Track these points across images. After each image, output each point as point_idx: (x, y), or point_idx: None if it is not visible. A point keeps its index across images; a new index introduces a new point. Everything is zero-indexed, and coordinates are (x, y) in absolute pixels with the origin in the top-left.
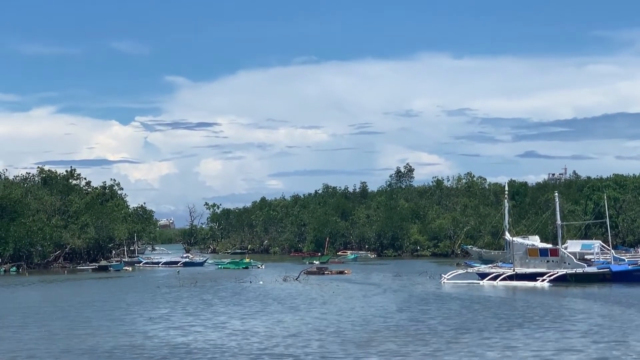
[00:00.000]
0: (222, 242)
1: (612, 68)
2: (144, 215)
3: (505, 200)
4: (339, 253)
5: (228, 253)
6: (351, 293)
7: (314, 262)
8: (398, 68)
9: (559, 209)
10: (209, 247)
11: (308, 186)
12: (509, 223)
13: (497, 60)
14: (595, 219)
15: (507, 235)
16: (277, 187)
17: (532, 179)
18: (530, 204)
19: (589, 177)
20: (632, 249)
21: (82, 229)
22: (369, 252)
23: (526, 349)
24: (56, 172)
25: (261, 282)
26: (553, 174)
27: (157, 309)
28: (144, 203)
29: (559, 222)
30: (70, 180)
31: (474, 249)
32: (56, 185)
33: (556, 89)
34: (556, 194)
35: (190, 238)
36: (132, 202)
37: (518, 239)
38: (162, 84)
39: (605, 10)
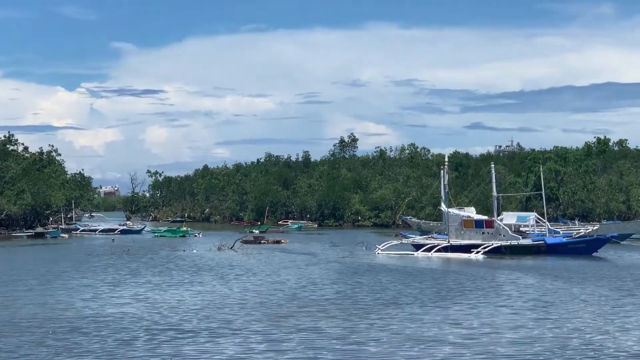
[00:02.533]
0: (163, 210)
1: (560, 40)
2: (82, 182)
3: (442, 171)
4: (280, 222)
5: (168, 221)
6: (284, 263)
7: (254, 231)
8: (346, 37)
9: (495, 181)
10: (150, 215)
11: (254, 155)
12: (445, 194)
13: (445, 31)
14: (535, 191)
15: (443, 207)
16: (224, 156)
17: (479, 150)
18: (473, 175)
19: (533, 150)
20: (570, 221)
21: (18, 195)
22: (310, 221)
23: (448, 322)
24: None
25: (195, 251)
26: (499, 146)
27: (83, 278)
28: (82, 170)
29: (494, 193)
30: (8, 146)
31: (414, 219)
32: None
33: (504, 60)
34: (492, 165)
35: (132, 206)
36: (77, 169)
37: (453, 210)
38: (108, 50)
39: None
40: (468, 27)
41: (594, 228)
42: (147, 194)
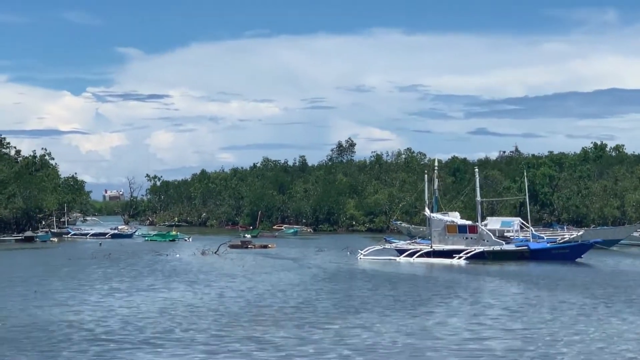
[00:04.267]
0: (160, 215)
1: (565, 47)
2: (75, 186)
3: (426, 176)
4: (275, 227)
5: (165, 225)
6: (264, 268)
7: (246, 235)
8: (351, 43)
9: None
10: (148, 219)
11: (259, 160)
12: (435, 199)
13: (450, 37)
14: (529, 196)
15: (427, 211)
16: (229, 161)
17: (483, 156)
18: (470, 180)
19: (532, 155)
20: (564, 226)
21: (9, 199)
22: (304, 226)
23: (400, 331)
24: None
25: (178, 255)
26: (504, 152)
27: (49, 283)
28: (75, 174)
29: (478, 198)
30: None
31: (404, 224)
32: None
33: (508, 66)
34: (476, 169)
35: (130, 210)
36: (83, 173)
37: (437, 215)
38: (114, 55)
39: None
40: (472, 33)
41: (579, 234)
42: (145, 199)
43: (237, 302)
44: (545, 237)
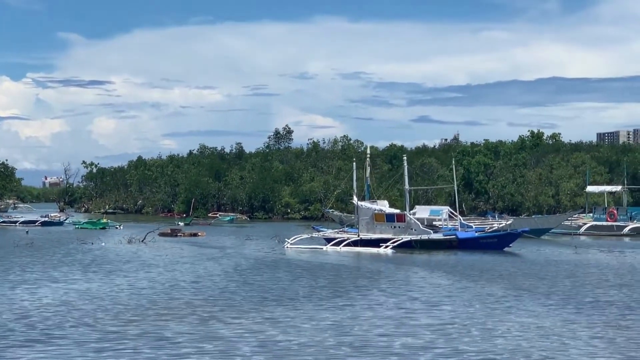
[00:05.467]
0: (96, 202)
1: (507, 35)
2: (4, 172)
3: (354, 163)
4: (210, 215)
5: (100, 212)
6: (187, 258)
7: (179, 223)
8: (294, 30)
9: (407, 173)
10: (83, 207)
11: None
12: (367, 187)
13: (393, 25)
14: (464, 184)
15: (355, 200)
16: (171, 147)
17: (425, 144)
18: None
19: (473, 143)
20: (499, 215)
21: None
22: (240, 214)
23: (297, 323)
24: None
25: (103, 244)
26: (445, 139)
27: None
28: (6, 160)
29: (406, 187)
30: None
31: (336, 213)
32: None
33: (451, 54)
34: (404, 157)
35: (65, 197)
36: (22, 160)
37: (365, 204)
38: (55, 41)
39: None
40: (415, 21)
41: (507, 223)
42: (82, 185)
43: (147, 294)
44: (473, 226)
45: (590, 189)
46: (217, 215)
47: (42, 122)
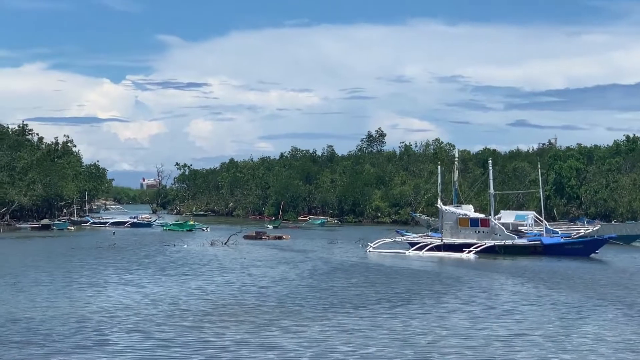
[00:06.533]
0: (187, 204)
1: (606, 38)
2: (96, 174)
3: (439, 167)
4: (300, 218)
5: (191, 214)
6: (264, 261)
7: (268, 226)
8: (391, 33)
9: (492, 178)
10: (176, 208)
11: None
12: (455, 191)
13: (490, 28)
14: (555, 189)
15: (439, 204)
16: (267, 150)
17: (523, 147)
18: (499, 172)
19: (568, 147)
20: (592, 220)
21: (28, 186)
22: (329, 217)
23: (367, 331)
24: (7, 127)
25: (185, 246)
26: (543, 144)
27: (37, 273)
28: (97, 161)
29: (491, 191)
30: (22, 136)
31: (423, 217)
32: (6, 141)
33: (549, 58)
34: (489, 161)
35: (158, 198)
36: (121, 161)
37: (450, 208)
38: (153, 43)
39: None
40: (513, 23)
41: (595, 228)
42: (175, 187)
43: (215, 298)
44: (559, 232)
45: None
46: (308, 218)
47: (141, 124)
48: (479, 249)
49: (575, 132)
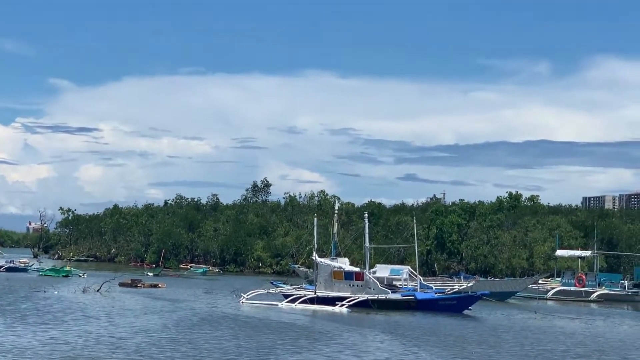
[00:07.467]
0: (68, 249)
1: (496, 96)
2: None
3: (315, 219)
4: (182, 266)
5: (72, 260)
6: (132, 310)
7: (148, 273)
8: (284, 84)
9: (368, 231)
10: (57, 253)
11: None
12: (334, 243)
13: (383, 82)
14: (436, 244)
15: (315, 256)
16: (157, 197)
17: (408, 201)
18: (382, 225)
19: (454, 202)
20: (471, 276)
21: None
22: (211, 266)
23: None
24: None
25: (56, 292)
26: (430, 198)
27: None
28: None
29: (367, 244)
30: None
31: (301, 268)
32: None
33: (440, 114)
34: (365, 215)
35: (40, 243)
36: (8, 204)
37: (325, 260)
38: (45, 86)
39: (492, 39)
40: (406, 79)
41: (469, 285)
42: (57, 232)
43: (65, 349)
44: (433, 287)
45: (559, 252)
46: (189, 266)
47: (30, 167)
48: (352, 302)
49: (464, 188)
